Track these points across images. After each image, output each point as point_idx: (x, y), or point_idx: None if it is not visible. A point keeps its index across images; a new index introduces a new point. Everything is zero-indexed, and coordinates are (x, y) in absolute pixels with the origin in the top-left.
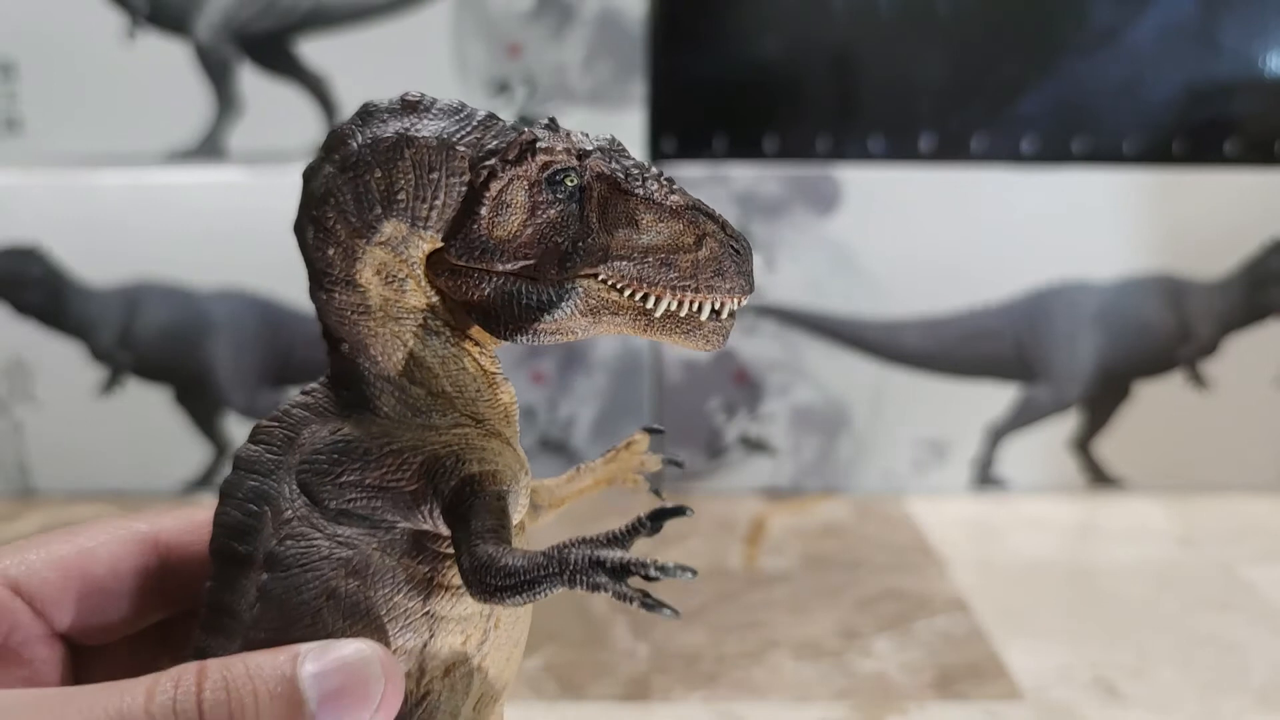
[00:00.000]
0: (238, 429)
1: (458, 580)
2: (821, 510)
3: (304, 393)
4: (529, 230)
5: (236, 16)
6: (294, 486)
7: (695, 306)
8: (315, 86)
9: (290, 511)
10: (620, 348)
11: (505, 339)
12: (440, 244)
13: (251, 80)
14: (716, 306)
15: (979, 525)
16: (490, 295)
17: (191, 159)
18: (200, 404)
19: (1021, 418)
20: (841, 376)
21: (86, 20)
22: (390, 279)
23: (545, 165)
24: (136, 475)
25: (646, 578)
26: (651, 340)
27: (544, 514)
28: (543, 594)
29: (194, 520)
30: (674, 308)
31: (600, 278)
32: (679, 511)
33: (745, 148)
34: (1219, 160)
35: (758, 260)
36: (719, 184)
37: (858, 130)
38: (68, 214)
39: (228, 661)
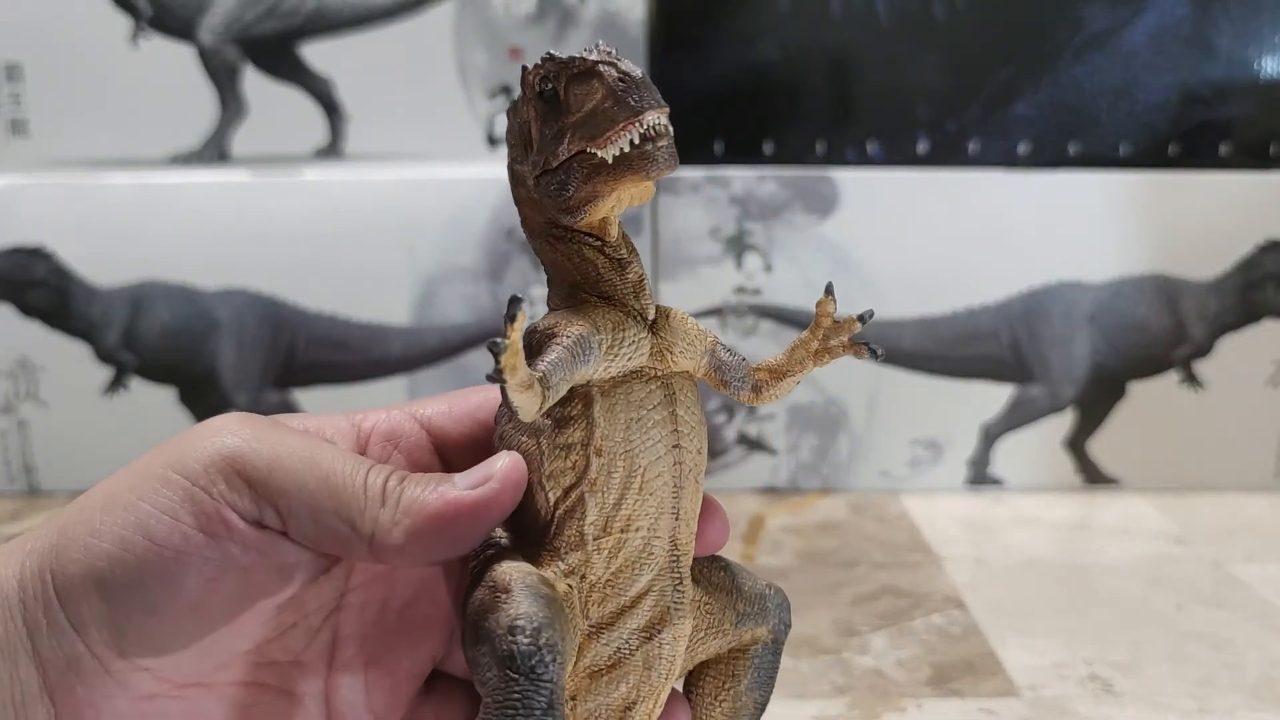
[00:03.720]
0: None
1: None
2: (819, 509)
3: None
4: (541, 134)
5: (240, 20)
6: None
7: (620, 144)
8: (318, 89)
9: None
10: None
11: (564, 222)
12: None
13: (255, 83)
14: (632, 138)
15: (975, 523)
16: (540, 193)
17: (195, 161)
18: (205, 404)
19: (1017, 417)
20: (839, 376)
21: (92, 24)
22: (531, 204)
23: (534, 80)
24: None
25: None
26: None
27: (768, 389)
28: (510, 403)
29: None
30: (616, 152)
31: (578, 150)
32: (516, 299)
33: (744, 151)
34: (1213, 163)
35: (755, 260)
36: (718, 186)
37: (855, 134)
38: (73, 215)
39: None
